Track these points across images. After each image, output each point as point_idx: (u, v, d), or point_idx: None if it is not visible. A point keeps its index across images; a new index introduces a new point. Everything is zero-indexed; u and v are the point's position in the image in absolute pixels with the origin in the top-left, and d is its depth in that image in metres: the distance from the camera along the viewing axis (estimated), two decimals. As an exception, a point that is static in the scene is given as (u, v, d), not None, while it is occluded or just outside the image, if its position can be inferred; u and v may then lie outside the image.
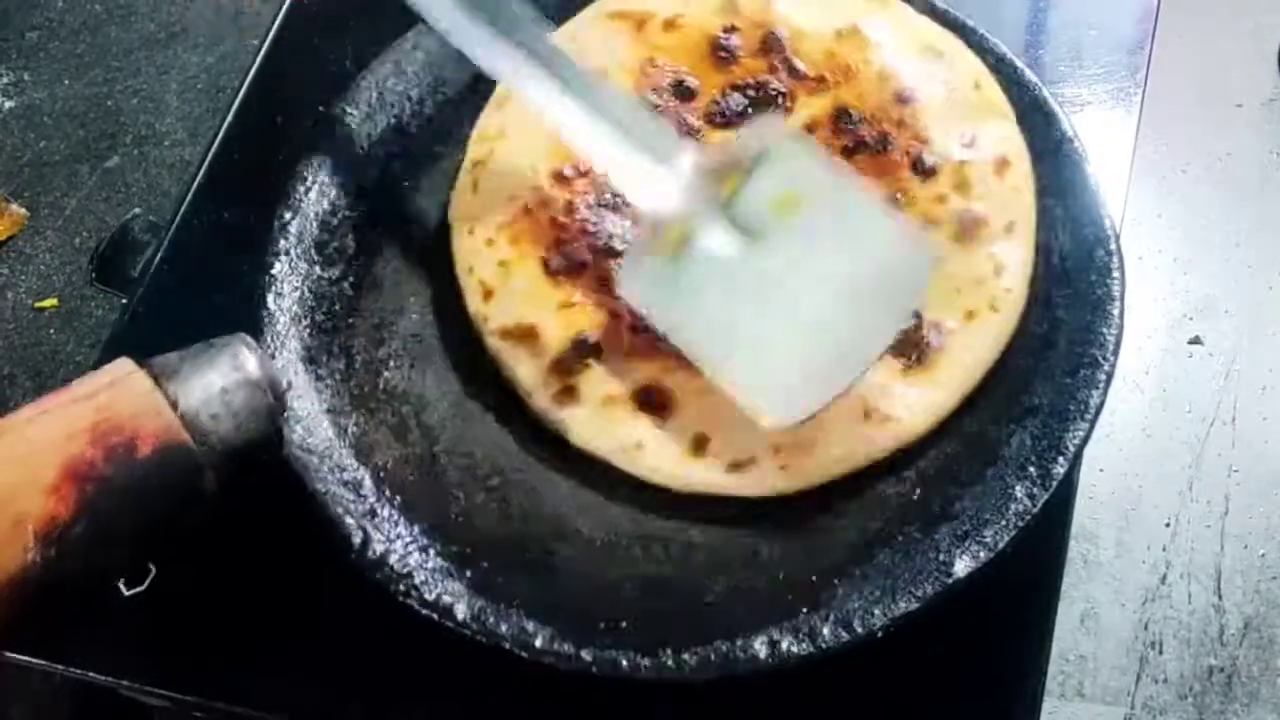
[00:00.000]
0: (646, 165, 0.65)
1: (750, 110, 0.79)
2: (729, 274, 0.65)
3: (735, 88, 0.80)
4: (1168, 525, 1.06)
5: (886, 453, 0.71)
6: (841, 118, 0.78)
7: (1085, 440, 0.69)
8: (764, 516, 0.71)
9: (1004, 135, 0.78)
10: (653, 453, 0.71)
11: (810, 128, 0.77)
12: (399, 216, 0.82)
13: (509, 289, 0.77)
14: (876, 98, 0.79)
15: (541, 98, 0.68)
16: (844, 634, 0.64)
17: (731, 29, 0.82)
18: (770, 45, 0.81)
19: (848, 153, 0.76)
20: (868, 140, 0.77)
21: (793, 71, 0.80)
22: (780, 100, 0.79)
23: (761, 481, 0.70)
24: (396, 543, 0.69)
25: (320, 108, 0.85)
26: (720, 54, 0.81)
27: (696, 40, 0.82)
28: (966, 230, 0.75)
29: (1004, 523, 0.67)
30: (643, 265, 0.67)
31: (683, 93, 0.80)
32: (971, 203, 0.75)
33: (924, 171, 0.76)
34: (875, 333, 0.65)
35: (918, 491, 0.70)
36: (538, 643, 0.65)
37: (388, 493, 0.72)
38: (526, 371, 0.74)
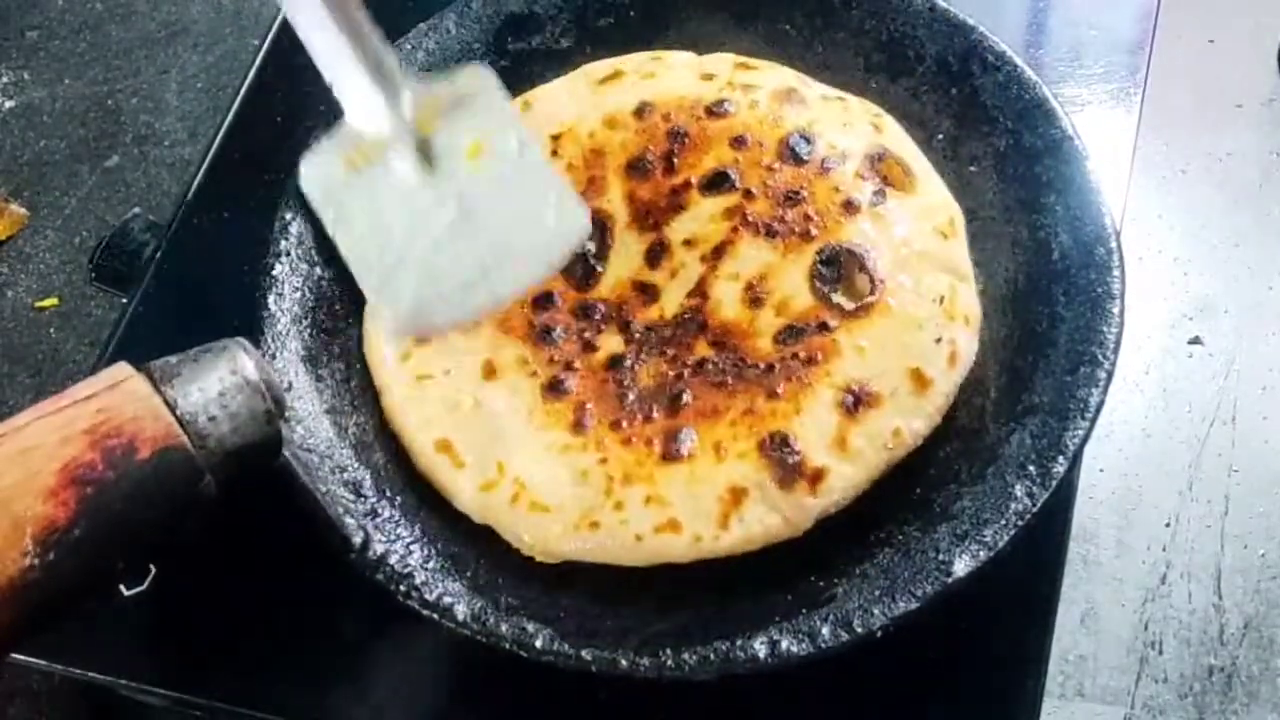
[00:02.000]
0: (370, 89, 0.69)
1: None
2: (400, 196, 0.69)
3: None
4: (1168, 525, 1.06)
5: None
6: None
7: (1085, 439, 0.69)
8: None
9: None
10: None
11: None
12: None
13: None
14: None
15: (310, 17, 0.71)
16: (844, 634, 0.64)
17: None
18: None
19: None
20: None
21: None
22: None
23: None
24: (397, 543, 0.69)
25: (320, 108, 0.85)
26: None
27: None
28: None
29: (1004, 522, 0.67)
30: (327, 166, 0.70)
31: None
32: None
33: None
34: (513, 278, 0.69)
35: (917, 491, 0.70)
36: (538, 643, 0.65)
37: (388, 493, 0.72)
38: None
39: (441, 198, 0.69)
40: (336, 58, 0.68)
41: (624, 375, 0.74)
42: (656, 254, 0.77)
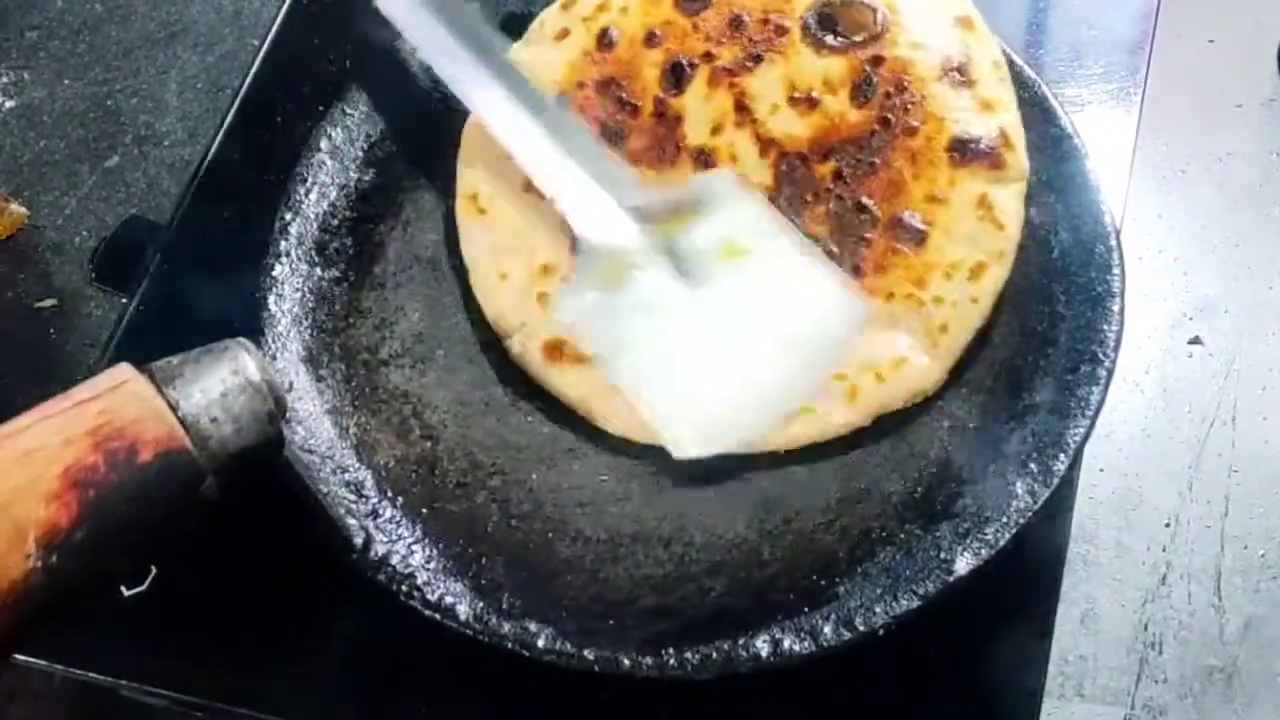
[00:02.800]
0: (600, 197, 0.67)
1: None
2: (664, 312, 0.67)
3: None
4: (1168, 525, 1.06)
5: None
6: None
7: (1086, 437, 0.69)
8: (765, 515, 0.71)
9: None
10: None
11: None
12: (399, 217, 0.82)
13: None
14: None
15: (507, 123, 0.69)
16: (845, 633, 0.64)
17: None
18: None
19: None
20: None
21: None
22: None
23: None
24: (399, 543, 0.69)
25: (320, 107, 0.85)
26: None
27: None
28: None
29: (1005, 520, 0.67)
30: (582, 293, 0.69)
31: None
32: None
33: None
34: (795, 388, 0.68)
35: (919, 489, 0.71)
36: (540, 643, 0.65)
37: (390, 493, 0.72)
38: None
39: (708, 306, 0.66)
40: (558, 165, 0.67)
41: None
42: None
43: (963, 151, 0.75)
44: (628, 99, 0.79)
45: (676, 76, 0.79)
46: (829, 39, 0.79)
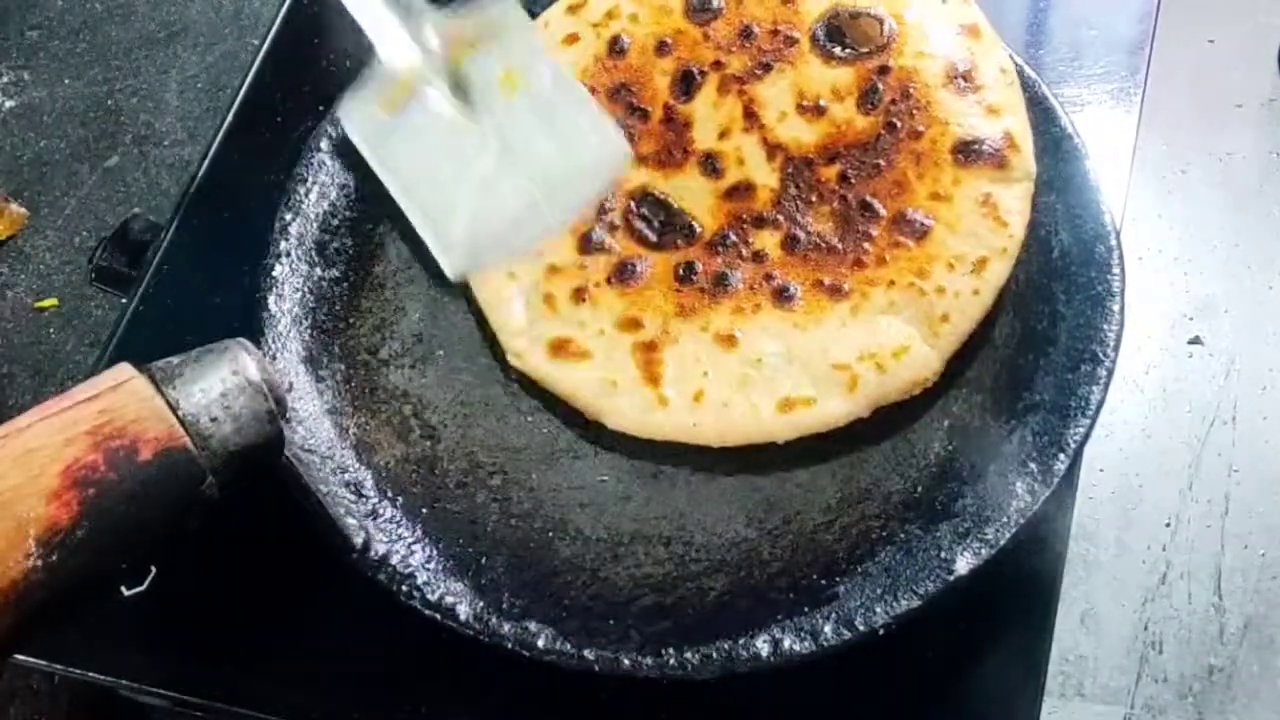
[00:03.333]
0: (394, 23, 0.69)
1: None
2: (441, 133, 0.70)
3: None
4: (1168, 525, 1.06)
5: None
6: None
7: (1086, 437, 0.69)
8: (765, 515, 0.71)
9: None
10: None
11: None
12: (399, 217, 0.82)
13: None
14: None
15: None
16: (846, 632, 0.64)
17: None
18: None
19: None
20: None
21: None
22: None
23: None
24: (398, 543, 0.69)
25: (320, 108, 0.85)
26: None
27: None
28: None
29: (1005, 520, 0.67)
30: (366, 109, 0.71)
31: None
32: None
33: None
34: (558, 210, 0.70)
35: (919, 489, 0.71)
36: (540, 643, 0.65)
37: (389, 493, 0.72)
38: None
39: (482, 132, 0.69)
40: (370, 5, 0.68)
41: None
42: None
43: (966, 153, 0.76)
44: (638, 104, 0.80)
45: (686, 84, 0.80)
46: (837, 50, 0.80)
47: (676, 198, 0.77)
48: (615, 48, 0.81)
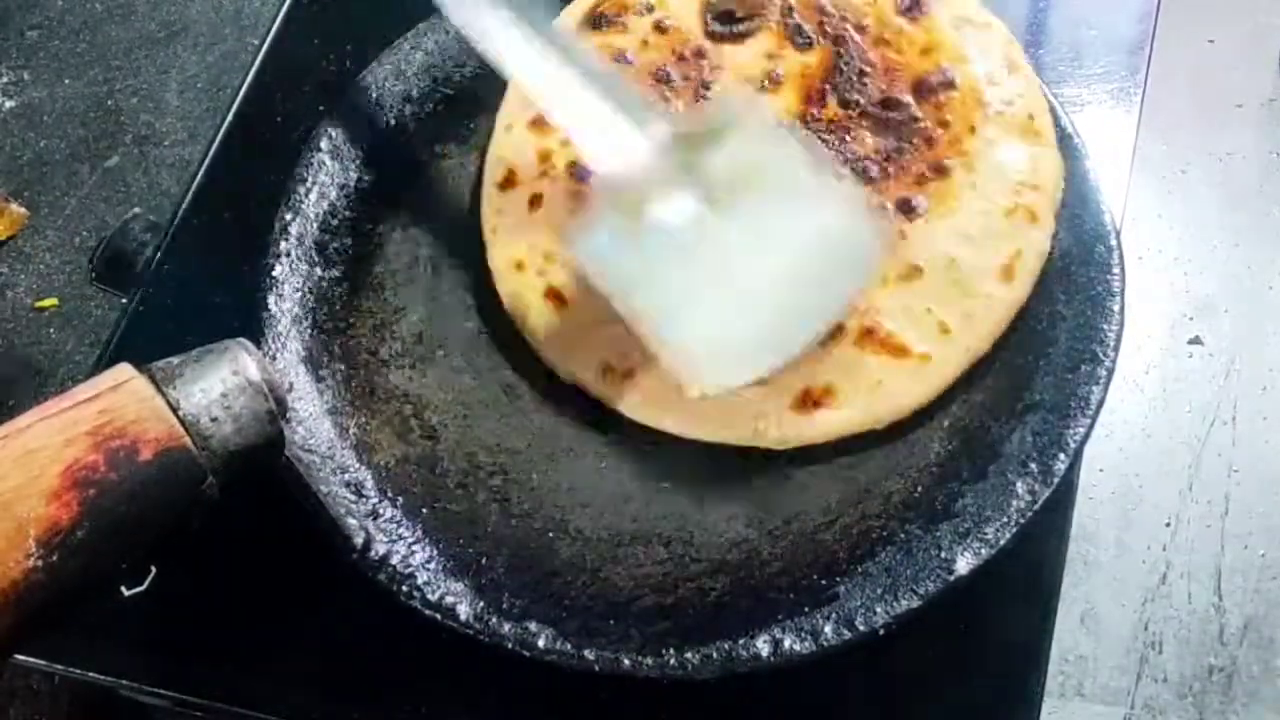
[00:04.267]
0: (618, 128, 0.65)
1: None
2: (684, 241, 0.65)
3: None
4: (1168, 525, 1.06)
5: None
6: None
7: (1086, 437, 0.69)
8: (765, 515, 0.71)
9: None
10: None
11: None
12: (399, 217, 0.82)
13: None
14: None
15: (520, 57, 0.68)
16: (846, 632, 0.64)
17: None
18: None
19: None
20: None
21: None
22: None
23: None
24: (399, 544, 0.69)
25: (320, 108, 0.85)
26: None
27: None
28: None
29: (1005, 520, 0.67)
30: (600, 227, 0.67)
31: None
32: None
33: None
34: (817, 313, 0.67)
35: (919, 488, 0.70)
36: (540, 643, 0.65)
37: (390, 493, 0.72)
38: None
39: (729, 233, 0.65)
40: (574, 104, 0.65)
41: None
42: None
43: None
44: None
45: None
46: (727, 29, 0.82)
47: None
48: None
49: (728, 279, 0.65)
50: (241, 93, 0.90)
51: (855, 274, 0.67)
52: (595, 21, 0.83)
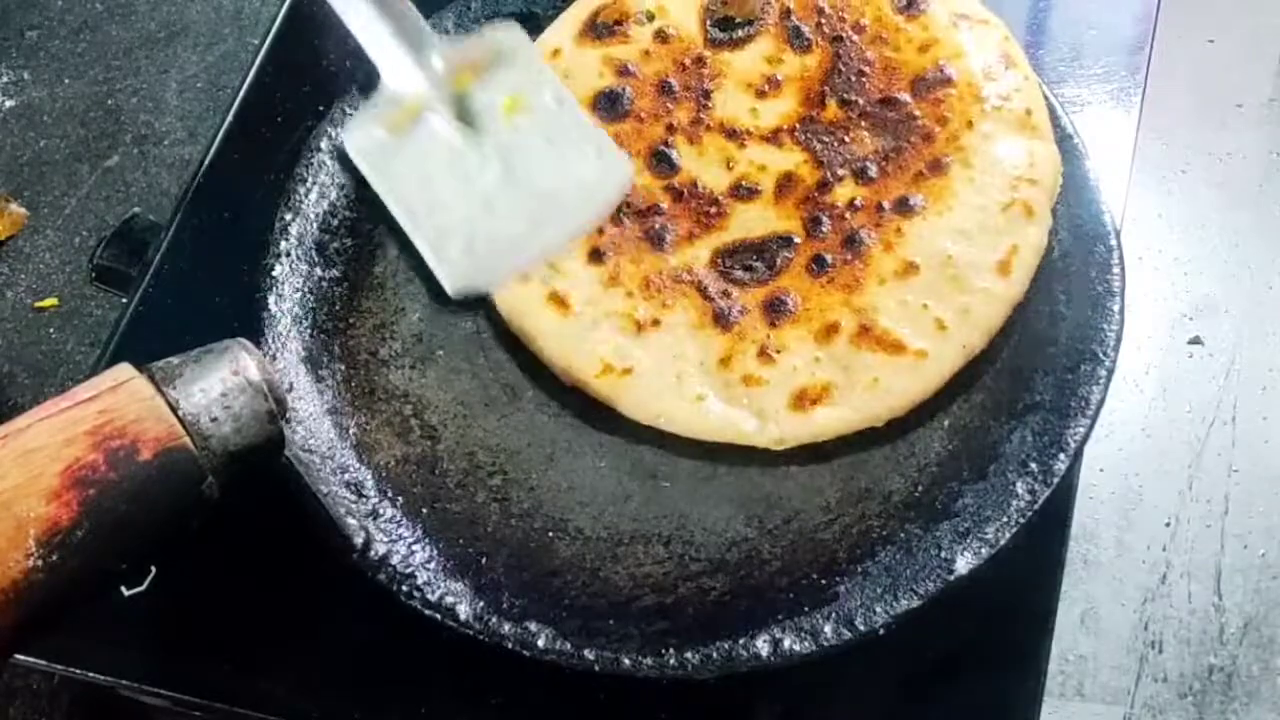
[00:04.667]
0: (400, 51, 0.70)
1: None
2: (445, 155, 0.70)
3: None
4: (1168, 525, 1.06)
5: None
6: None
7: (1086, 436, 0.69)
8: (765, 515, 0.71)
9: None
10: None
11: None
12: (399, 226, 0.82)
13: None
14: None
15: None
16: (846, 632, 0.65)
17: None
18: None
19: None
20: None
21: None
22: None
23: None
24: (399, 543, 0.69)
25: (320, 108, 0.85)
26: None
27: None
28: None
29: (1005, 519, 0.67)
30: (371, 130, 0.71)
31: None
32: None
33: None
34: (561, 230, 0.71)
35: (919, 488, 0.71)
36: (540, 642, 0.65)
37: (390, 493, 0.72)
38: None
39: (484, 155, 0.70)
40: (367, 20, 0.70)
41: None
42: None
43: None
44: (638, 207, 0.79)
45: (664, 160, 0.80)
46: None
47: (749, 232, 0.77)
48: None
49: (480, 192, 0.70)
50: (241, 93, 0.90)
51: (593, 203, 0.72)
52: (596, 30, 0.83)
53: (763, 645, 0.65)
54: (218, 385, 0.59)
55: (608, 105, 0.81)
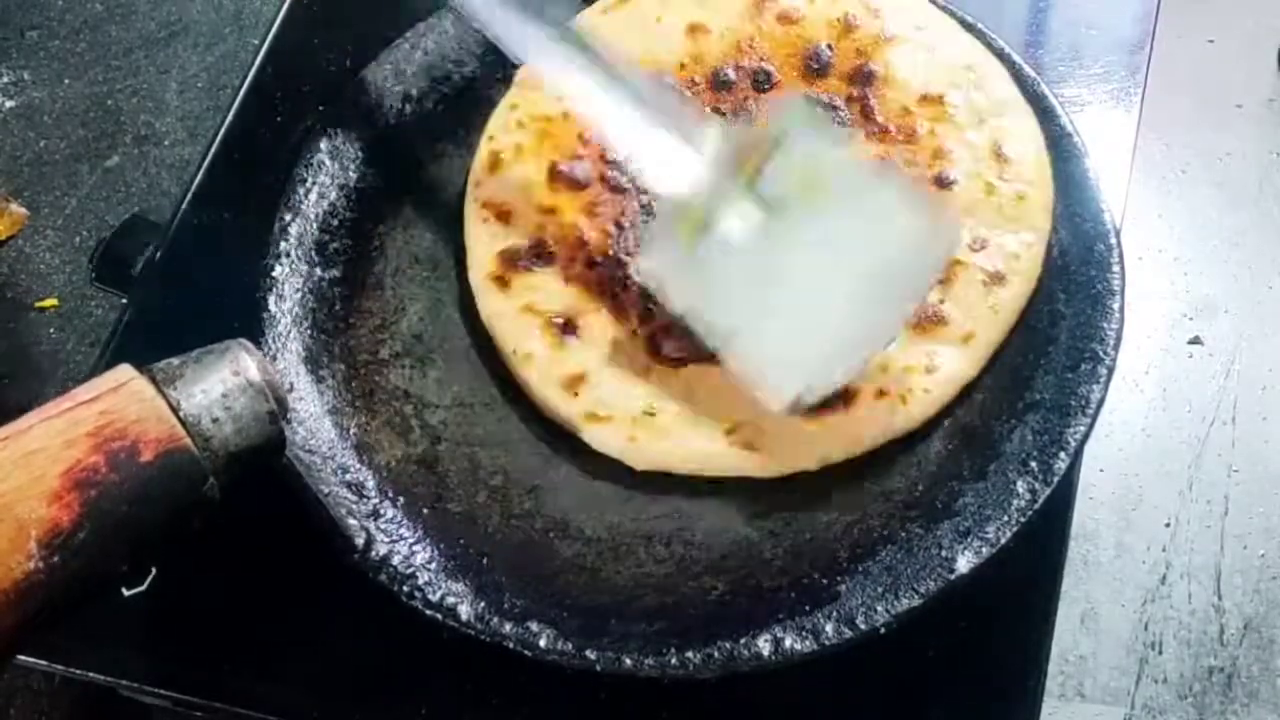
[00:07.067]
0: (669, 145, 0.65)
1: None
2: (748, 255, 0.64)
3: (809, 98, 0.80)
4: (1168, 525, 1.06)
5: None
6: None
7: (1086, 436, 0.69)
8: (766, 514, 0.71)
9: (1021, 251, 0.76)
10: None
11: None
12: (399, 217, 0.82)
13: (508, 171, 0.79)
14: (920, 170, 0.77)
15: (565, 78, 0.68)
16: (847, 631, 0.65)
17: (832, 47, 0.82)
18: (860, 78, 0.80)
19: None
20: None
21: (866, 111, 0.79)
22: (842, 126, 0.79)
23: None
24: (400, 544, 0.69)
25: (320, 108, 0.85)
26: (813, 63, 0.81)
27: (800, 42, 0.82)
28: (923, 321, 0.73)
29: (1006, 518, 0.67)
30: (664, 247, 0.66)
31: (761, 80, 0.81)
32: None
33: None
34: (887, 318, 0.66)
35: (920, 487, 0.71)
36: (541, 642, 0.65)
37: (390, 493, 0.72)
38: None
39: (791, 247, 0.64)
40: (624, 124, 0.64)
41: None
42: None
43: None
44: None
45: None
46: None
47: None
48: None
49: (795, 290, 0.64)
50: (241, 93, 0.90)
51: (922, 275, 0.66)
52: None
53: (764, 644, 0.65)
54: (218, 386, 0.59)
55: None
